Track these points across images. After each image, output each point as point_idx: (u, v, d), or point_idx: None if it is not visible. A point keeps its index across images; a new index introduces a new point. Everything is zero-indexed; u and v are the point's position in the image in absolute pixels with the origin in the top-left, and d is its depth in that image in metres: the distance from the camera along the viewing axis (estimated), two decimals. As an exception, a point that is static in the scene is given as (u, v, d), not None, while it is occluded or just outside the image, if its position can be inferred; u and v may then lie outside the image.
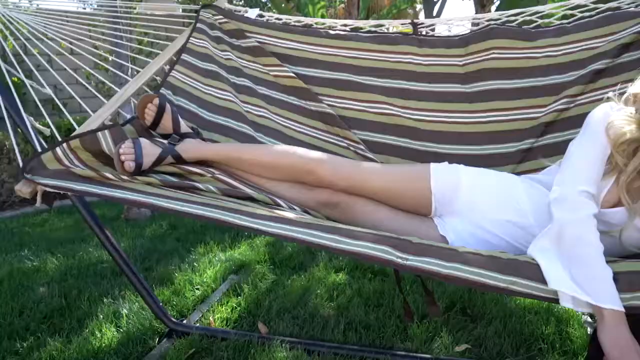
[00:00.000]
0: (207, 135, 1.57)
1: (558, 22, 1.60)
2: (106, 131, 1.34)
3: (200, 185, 1.26)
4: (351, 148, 1.56)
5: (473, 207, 1.23)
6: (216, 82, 1.70)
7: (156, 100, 1.41)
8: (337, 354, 1.51)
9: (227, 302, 1.94)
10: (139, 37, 2.74)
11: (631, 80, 1.09)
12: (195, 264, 2.41)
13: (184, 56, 1.72)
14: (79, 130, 1.40)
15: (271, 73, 1.70)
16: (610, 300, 0.84)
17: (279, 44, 1.75)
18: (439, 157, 1.49)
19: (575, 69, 1.45)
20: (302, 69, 1.70)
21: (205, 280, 2.18)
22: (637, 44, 1.38)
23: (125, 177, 1.23)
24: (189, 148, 1.38)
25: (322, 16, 5.45)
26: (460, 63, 1.59)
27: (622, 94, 1.08)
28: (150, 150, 1.31)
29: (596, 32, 1.47)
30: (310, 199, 1.35)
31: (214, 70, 1.72)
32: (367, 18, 5.67)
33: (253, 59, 1.74)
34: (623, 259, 0.98)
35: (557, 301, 0.87)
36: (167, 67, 1.69)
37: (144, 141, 1.31)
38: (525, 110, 1.48)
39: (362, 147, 1.55)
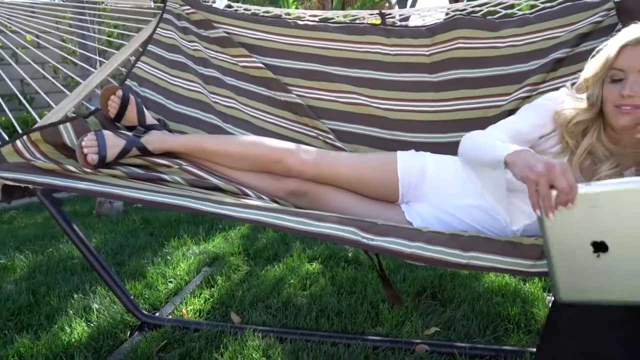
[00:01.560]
0: (175, 126, 1.56)
1: (521, 12, 1.64)
2: (68, 124, 1.31)
3: (166, 177, 1.25)
4: (320, 137, 1.57)
5: (438, 192, 1.26)
6: (184, 73, 1.68)
7: (119, 92, 1.39)
8: (309, 340, 1.52)
9: (200, 294, 1.94)
10: (109, 29, 2.68)
11: None
12: (168, 257, 2.39)
13: (150, 47, 1.70)
14: (40, 122, 1.37)
15: (240, 64, 1.69)
16: (505, 150, 0.92)
17: (248, 35, 1.74)
18: (406, 146, 1.51)
19: (537, 58, 1.49)
20: (270, 59, 1.70)
21: (178, 273, 2.17)
22: (595, 33, 1.43)
23: (88, 170, 1.21)
24: (154, 140, 1.36)
25: (296, 8, 5.42)
26: (427, 53, 1.61)
27: (573, 84, 1.15)
28: (114, 142, 1.29)
29: (557, 22, 1.51)
30: (279, 188, 1.36)
31: (181, 61, 1.70)
32: (341, 10, 5.65)
33: (221, 49, 1.73)
34: None
35: (518, 272, 0.90)
36: (132, 59, 1.67)
37: (107, 133, 1.30)
38: (490, 99, 1.51)
39: (331, 136, 1.56)
